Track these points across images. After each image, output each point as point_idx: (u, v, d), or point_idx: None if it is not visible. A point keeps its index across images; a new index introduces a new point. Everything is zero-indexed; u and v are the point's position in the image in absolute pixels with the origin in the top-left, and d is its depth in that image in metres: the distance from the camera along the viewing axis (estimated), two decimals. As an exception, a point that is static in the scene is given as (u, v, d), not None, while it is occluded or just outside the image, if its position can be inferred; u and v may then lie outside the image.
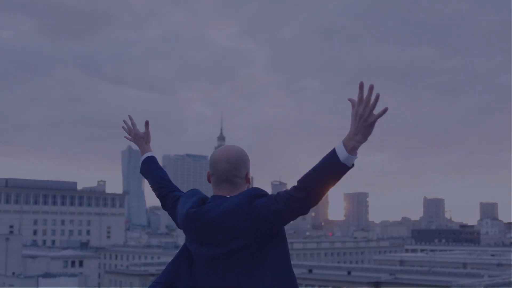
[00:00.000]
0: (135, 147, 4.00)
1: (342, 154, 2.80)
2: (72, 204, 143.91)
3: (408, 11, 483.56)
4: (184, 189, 3.40)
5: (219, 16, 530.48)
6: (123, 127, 3.94)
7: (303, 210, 2.86)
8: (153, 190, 3.65)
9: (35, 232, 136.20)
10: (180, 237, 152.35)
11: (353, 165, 2.85)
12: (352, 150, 2.82)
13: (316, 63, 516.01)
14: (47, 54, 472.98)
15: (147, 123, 3.94)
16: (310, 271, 71.29)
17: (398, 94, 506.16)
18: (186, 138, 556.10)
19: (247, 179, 3.13)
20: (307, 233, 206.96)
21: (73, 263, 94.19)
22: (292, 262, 3.13)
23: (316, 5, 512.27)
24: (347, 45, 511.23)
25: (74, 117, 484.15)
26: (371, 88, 2.88)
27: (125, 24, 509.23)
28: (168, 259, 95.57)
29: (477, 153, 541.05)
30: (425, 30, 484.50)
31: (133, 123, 3.94)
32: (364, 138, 2.86)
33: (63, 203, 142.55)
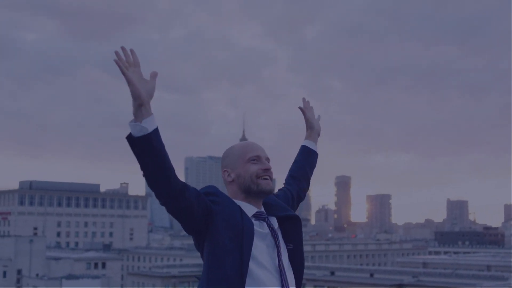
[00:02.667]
0: None
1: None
2: (95, 206, 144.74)
3: (432, 10, 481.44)
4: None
5: (242, 16, 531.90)
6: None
7: None
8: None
9: (58, 234, 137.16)
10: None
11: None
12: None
13: (340, 63, 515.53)
14: (71, 55, 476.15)
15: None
16: (333, 273, 71.11)
17: (422, 93, 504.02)
18: (208, 139, 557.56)
19: (223, 178, 3.14)
20: (330, 235, 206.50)
21: (96, 264, 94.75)
22: (315, 264, 3.22)
23: (340, 4, 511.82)
24: (370, 44, 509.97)
25: (98, 118, 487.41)
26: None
27: (148, 25, 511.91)
28: (191, 260, 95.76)
29: (501, 153, 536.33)
30: (449, 28, 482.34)
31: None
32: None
33: (86, 205, 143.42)
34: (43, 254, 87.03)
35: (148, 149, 2.64)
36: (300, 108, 3.74)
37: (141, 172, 2.73)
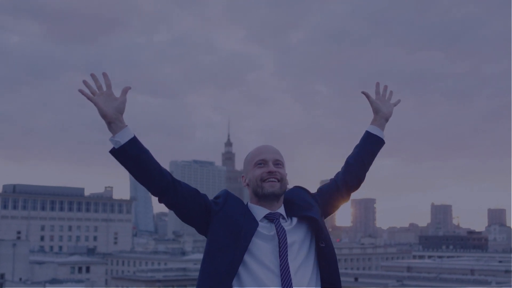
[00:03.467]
0: None
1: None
2: (79, 210, 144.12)
3: (416, 15, 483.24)
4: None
5: (228, 21, 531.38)
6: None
7: None
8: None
9: (42, 238, 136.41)
10: (186, 243, 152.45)
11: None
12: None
13: (325, 68, 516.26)
14: (55, 59, 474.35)
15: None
16: (317, 277, 71.16)
17: (407, 98, 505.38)
18: (193, 143, 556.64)
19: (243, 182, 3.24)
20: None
21: (80, 269, 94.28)
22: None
23: (325, 10, 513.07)
24: (355, 49, 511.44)
25: (82, 122, 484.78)
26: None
27: (133, 29, 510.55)
28: (175, 265, 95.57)
29: (485, 158, 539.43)
30: (434, 34, 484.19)
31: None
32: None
33: (70, 209, 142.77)
34: (26, 258, 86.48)
35: (126, 159, 2.93)
36: (363, 92, 3.64)
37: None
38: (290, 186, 3.28)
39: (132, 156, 2.92)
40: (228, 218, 3.02)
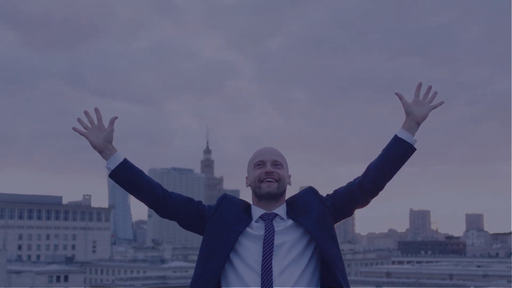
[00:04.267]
0: None
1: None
2: (57, 218, 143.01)
3: (395, 22, 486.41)
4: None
5: (206, 28, 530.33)
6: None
7: None
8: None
9: (19, 247, 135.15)
10: (166, 251, 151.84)
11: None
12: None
13: (304, 74, 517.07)
14: (32, 66, 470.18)
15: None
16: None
17: (386, 104, 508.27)
18: (172, 151, 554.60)
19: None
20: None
21: (58, 278, 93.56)
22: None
23: (303, 16, 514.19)
24: (334, 56, 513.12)
25: (60, 130, 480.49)
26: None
27: (111, 36, 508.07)
28: (154, 273, 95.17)
29: (463, 164, 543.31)
30: (412, 40, 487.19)
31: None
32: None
33: (48, 218, 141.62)
34: (3, 268, 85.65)
35: (119, 181, 3.24)
36: (396, 93, 3.39)
37: None
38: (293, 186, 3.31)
39: (123, 178, 3.22)
40: (220, 222, 3.12)
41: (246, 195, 3.77)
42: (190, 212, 3.21)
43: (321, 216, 3.15)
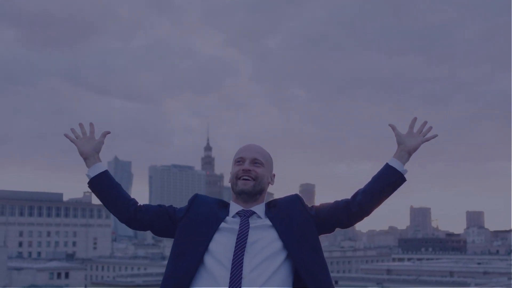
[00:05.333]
0: (121, 157, 3.70)
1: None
2: (58, 215, 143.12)
3: (394, 20, 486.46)
4: (171, 200, 3.41)
5: (205, 26, 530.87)
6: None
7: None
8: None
9: (20, 244, 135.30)
10: (166, 248, 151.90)
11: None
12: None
13: (303, 73, 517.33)
14: (31, 65, 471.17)
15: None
16: (298, 281, 71.26)
17: (385, 103, 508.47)
18: (172, 148, 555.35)
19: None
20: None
21: (59, 274, 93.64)
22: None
23: (302, 15, 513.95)
24: (333, 54, 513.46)
25: (59, 128, 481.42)
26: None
27: (110, 34, 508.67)
28: (155, 270, 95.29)
29: (463, 162, 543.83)
30: (411, 39, 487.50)
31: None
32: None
33: (49, 215, 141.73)
34: (4, 265, 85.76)
35: (95, 190, 3.28)
36: (390, 125, 3.38)
37: None
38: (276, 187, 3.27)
39: (101, 188, 3.25)
40: (192, 222, 3.08)
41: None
42: (161, 219, 3.19)
43: (303, 225, 3.08)
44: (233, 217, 3.07)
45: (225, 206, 3.16)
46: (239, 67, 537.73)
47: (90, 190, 3.33)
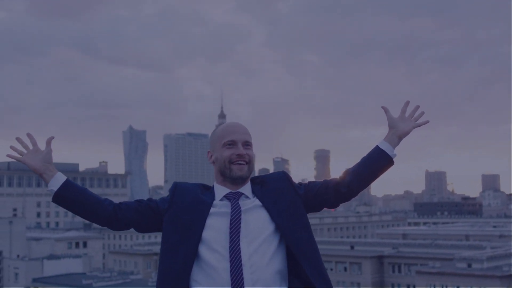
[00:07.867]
0: (136, 126, 3.35)
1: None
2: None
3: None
4: (186, 168, 3.34)
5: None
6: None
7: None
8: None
9: (38, 215, 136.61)
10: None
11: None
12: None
13: (315, 37, 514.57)
14: (42, 35, 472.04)
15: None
16: (313, 246, 71.56)
17: (397, 66, 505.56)
18: (186, 116, 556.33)
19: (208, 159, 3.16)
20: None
21: (77, 244, 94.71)
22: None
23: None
24: (345, 18, 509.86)
25: (72, 98, 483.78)
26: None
27: (120, 2, 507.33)
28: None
29: (478, 125, 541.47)
30: (424, 0, 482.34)
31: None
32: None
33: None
34: (23, 235, 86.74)
35: (64, 203, 3.06)
36: (382, 107, 3.34)
37: None
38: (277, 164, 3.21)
39: (69, 198, 3.04)
40: (179, 210, 2.99)
41: (263, 160, 3.71)
42: (144, 214, 3.05)
43: (292, 204, 3.03)
44: (220, 200, 3.00)
45: (208, 189, 3.10)
46: (251, 33, 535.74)
47: (59, 205, 3.11)
